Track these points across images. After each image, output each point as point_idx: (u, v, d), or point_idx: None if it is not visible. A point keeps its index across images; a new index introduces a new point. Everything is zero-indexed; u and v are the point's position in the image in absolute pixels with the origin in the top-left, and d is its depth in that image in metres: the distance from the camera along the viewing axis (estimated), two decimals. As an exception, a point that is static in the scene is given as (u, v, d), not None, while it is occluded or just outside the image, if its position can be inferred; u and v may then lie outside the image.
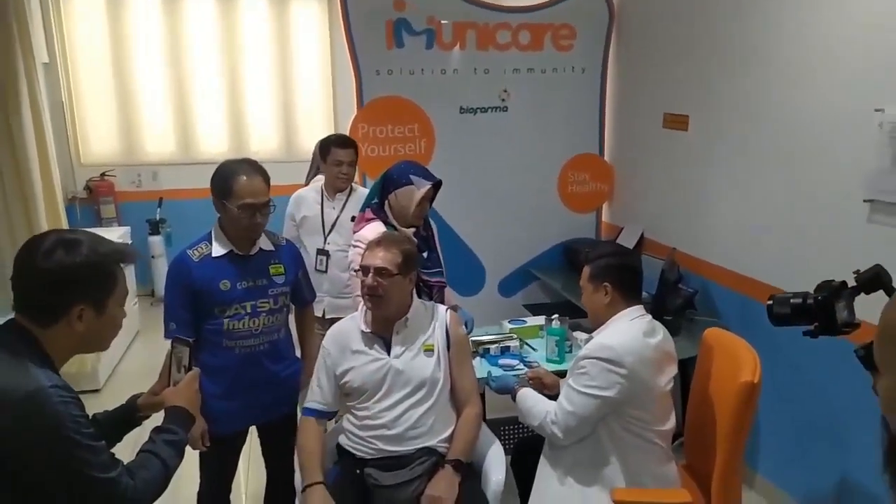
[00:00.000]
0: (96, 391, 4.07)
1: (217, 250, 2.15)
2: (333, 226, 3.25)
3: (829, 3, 2.57)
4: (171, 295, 2.17)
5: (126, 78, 5.65)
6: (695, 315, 3.30)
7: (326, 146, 3.21)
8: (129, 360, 4.51)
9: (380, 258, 2.08)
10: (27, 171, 3.59)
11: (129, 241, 5.02)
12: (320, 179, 3.34)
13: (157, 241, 5.61)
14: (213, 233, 2.19)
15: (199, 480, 2.33)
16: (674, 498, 2.03)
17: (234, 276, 2.15)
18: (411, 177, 2.50)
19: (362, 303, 2.19)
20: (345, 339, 2.17)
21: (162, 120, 5.78)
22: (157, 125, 5.78)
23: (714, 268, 3.33)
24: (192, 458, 2.24)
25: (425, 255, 2.54)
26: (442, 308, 2.29)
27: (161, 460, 1.42)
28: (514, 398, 2.22)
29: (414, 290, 2.24)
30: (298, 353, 2.47)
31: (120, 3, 5.50)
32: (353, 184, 3.31)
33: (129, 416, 1.63)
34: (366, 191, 3.22)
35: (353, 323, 2.21)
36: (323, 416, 2.18)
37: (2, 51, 3.44)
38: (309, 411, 2.17)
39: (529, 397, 2.17)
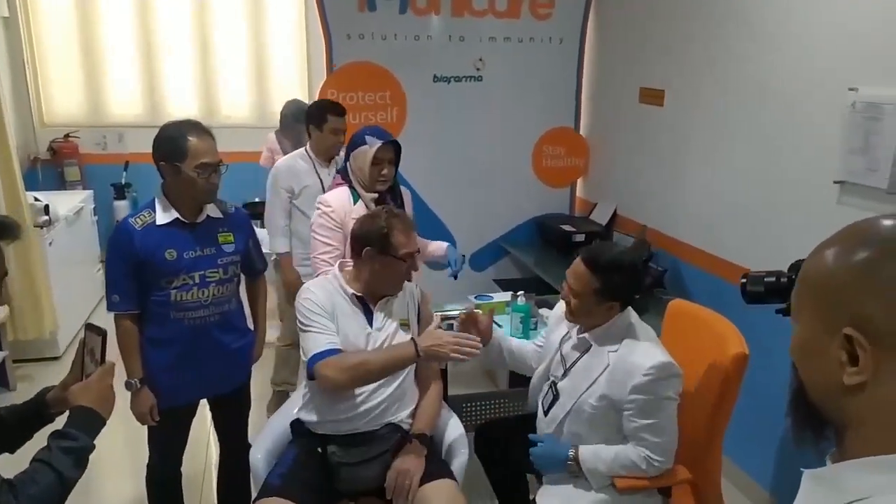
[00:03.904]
0: (56, 359, 3.97)
1: (162, 218, 2.04)
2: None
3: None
4: (114, 266, 2.06)
5: (92, 35, 5.43)
6: (664, 294, 3.27)
7: (321, 112, 3.09)
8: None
9: (415, 241, 2.11)
10: (-22, 129, 3.44)
11: (93, 206, 4.89)
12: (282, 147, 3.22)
13: (122, 206, 5.46)
14: (156, 200, 2.08)
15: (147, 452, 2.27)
16: (672, 478, 2.00)
17: (180, 244, 2.05)
18: (366, 137, 2.46)
19: (335, 268, 2.16)
20: (330, 298, 2.06)
21: (129, 80, 5.58)
22: (124, 85, 5.58)
23: (685, 246, 3.29)
24: (142, 429, 2.20)
25: None
26: (412, 283, 2.24)
27: (55, 472, 1.24)
28: (576, 464, 1.92)
29: None
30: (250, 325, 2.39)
31: (85, -45, 5.26)
32: None
33: (38, 411, 1.46)
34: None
35: (330, 285, 2.10)
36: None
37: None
38: (327, 353, 1.95)
39: (599, 454, 1.91)
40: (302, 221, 3.09)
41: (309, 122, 3.14)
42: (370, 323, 2.08)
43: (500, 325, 2.84)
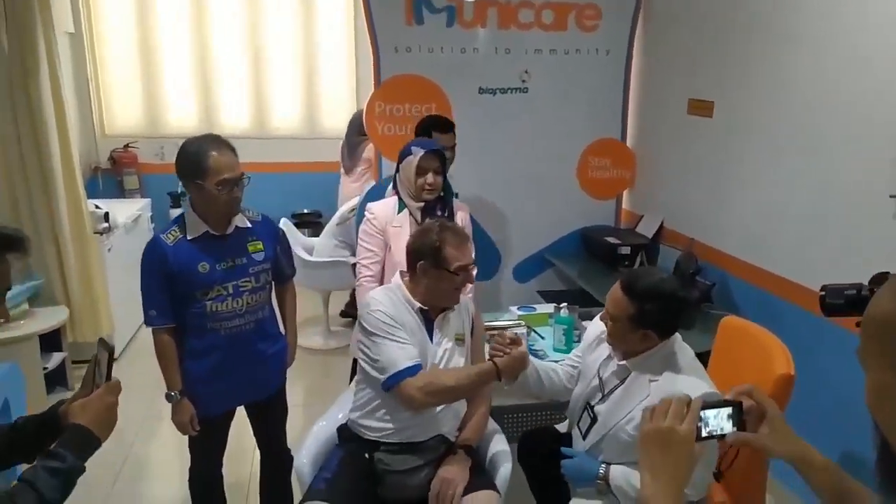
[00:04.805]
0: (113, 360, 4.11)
1: (192, 232, 2.09)
2: None
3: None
4: (148, 282, 2.10)
5: (151, 49, 5.65)
6: (712, 308, 3.21)
7: (425, 129, 3.06)
8: (147, 331, 4.56)
9: (470, 255, 2.09)
10: (45, 141, 3.61)
11: (150, 213, 5.06)
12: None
13: (178, 214, 5.64)
14: (185, 215, 2.12)
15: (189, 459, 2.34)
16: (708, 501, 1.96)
17: (212, 257, 2.09)
18: (412, 147, 2.51)
19: (396, 276, 2.14)
20: (397, 309, 2.05)
21: (185, 93, 5.78)
22: (180, 98, 5.78)
23: (734, 260, 3.23)
24: (183, 438, 2.26)
25: None
26: (468, 297, 2.25)
27: (36, 493, 1.17)
28: (605, 482, 1.88)
29: None
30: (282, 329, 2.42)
31: (146, -26, 5.49)
32: None
33: (51, 424, 1.40)
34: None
35: (395, 296, 2.09)
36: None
37: (22, 22, 3.45)
38: (412, 370, 1.95)
39: (629, 477, 1.83)
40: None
41: (416, 137, 3.11)
42: (431, 337, 2.08)
43: (542, 337, 2.84)
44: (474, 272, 2.09)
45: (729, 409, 1.11)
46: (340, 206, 4.53)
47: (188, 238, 2.08)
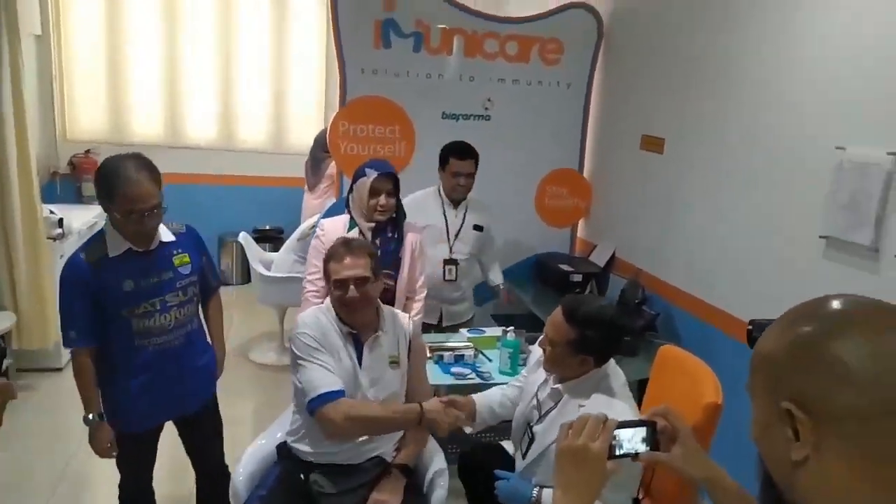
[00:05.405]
0: (59, 370, 4.03)
1: (114, 250, 1.99)
2: (458, 234, 3.20)
3: (807, 35, 2.58)
4: (68, 302, 2.01)
5: (118, 55, 5.60)
6: (655, 338, 3.30)
7: (445, 155, 3.12)
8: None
9: (356, 267, 2.01)
10: (2, 146, 3.57)
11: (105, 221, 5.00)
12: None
13: (136, 223, 5.58)
14: (105, 231, 2.02)
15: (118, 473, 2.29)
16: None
17: (137, 273, 2.01)
18: (366, 169, 2.55)
19: (328, 300, 2.13)
20: (324, 332, 2.04)
21: (151, 100, 5.73)
22: (146, 105, 5.73)
23: (678, 292, 3.34)
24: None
25: (378, 253, 2.56)
26: (405, 318, 2.23)
27: None
28: None
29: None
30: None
31: (118, -20, 5.48)
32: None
33: None
34: (475, 196, 3.25)
35: (325, 318, 2.08)
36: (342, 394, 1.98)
37: (-16, 21, 3.43)
38: (333, 394, 1.93)
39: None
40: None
41: (439, 162, 3.17)
42: (360, 361, 2.05)
43: (489, 360, 2.89)
44: (371, 288, 2.02)
45: (644, 430, 1.15)
46: (303, 223, 4.55)
47: (110, 256, 1.99)
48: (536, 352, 2.23)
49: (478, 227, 3.26)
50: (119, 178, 1.91)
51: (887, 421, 0.67)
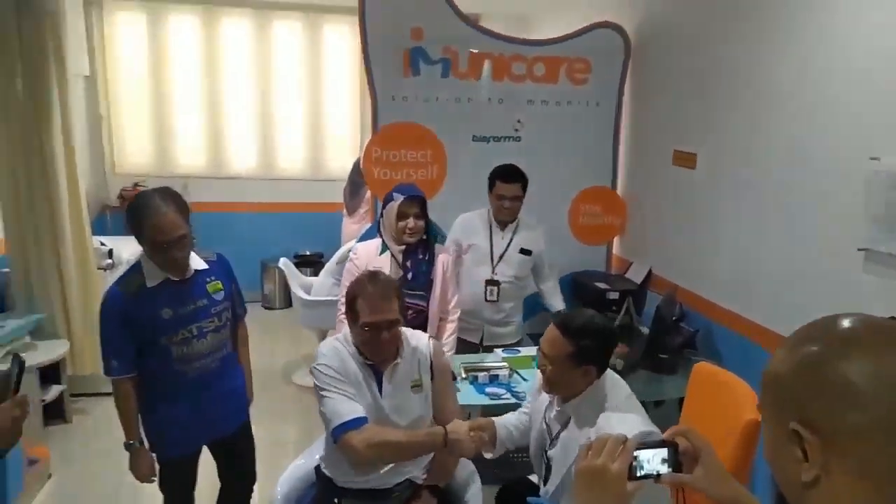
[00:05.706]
0: (110, 395, 4.15)
1: (152, 280, 2.08)
2: (502, 256, 3.25)
3: (837, 45, 2.55)
4: (109, 332, 2.08)
5: (162, 92, 5.87)
6: (694, 355, 3.26)
7: (492, 178, 3.18)
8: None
9: (389, 312, 1.96)
10: (54, 181, 3.75)
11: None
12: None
13: (182, 252, 5.77)
14: (142, 262, 2.10)
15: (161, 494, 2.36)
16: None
17: (174, 302, 2.09)
18: (393, 193, 2.62)
19: (346, 329, 2.11)
20: (344, 363, 2.04)
21: (194, 134, 5.98)
22: (189, 139, 5.98)
23: (716, 308, 3.29)
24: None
25: (410, 275, 2.60)
26: (424, 338, 2.19)
27: None
28: None
29: None
30: None
31: (160, 19, 5.74)
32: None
33: None
34: (529, 219, 3.29)
35: (344, 349, 2.07)
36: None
37: (36, 67, 3.63)
38: (356, 422, 1.94)
39: None
40: (465, 274, 3.20)
41: (488, 185, 3.25)
42: (380, 390, 2.04)
43: (525, 379, 2.89)
44: (399, 328, 2.00)
45: (665, 451, 1.12)
46: (343, 247, 4.64)
47: (148, 286, 2.07)
48: (538, 376, 2.20)
49: (525, 251, 3.27)
50: (146, 210, 1.99)
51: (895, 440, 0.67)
